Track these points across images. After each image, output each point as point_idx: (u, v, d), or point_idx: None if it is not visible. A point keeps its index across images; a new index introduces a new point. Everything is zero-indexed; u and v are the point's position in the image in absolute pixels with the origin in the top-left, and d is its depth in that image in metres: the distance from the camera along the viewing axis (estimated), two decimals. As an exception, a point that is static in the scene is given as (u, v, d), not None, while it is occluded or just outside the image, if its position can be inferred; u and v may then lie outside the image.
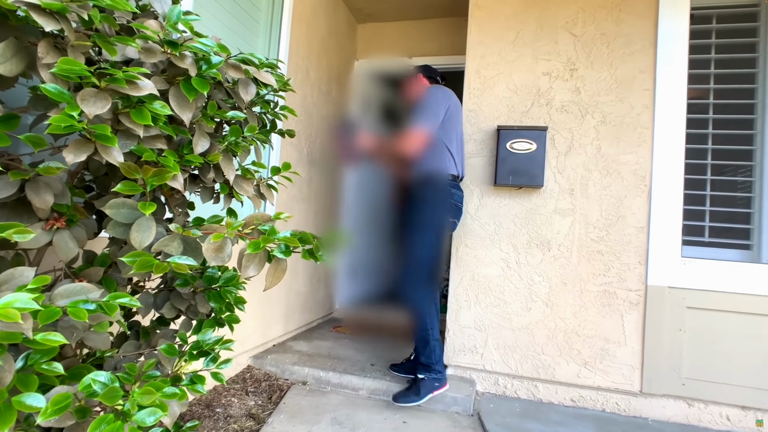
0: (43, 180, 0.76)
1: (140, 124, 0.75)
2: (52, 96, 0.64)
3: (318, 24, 3.00)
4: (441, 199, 2.09)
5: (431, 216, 2.09)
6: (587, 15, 2.32)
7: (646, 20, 2.23)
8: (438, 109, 2.09)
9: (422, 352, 2.07)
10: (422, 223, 2.09)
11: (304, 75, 2.83)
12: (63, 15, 0.65)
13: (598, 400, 2.21)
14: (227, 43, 1.06)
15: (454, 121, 2.16)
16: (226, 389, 2.07)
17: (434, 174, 2.11)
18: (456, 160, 2.16)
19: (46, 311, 0.60)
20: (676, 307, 2.13)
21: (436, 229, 2.10)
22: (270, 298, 2.55)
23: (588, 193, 2.27)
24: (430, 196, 2.10)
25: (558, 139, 2.33)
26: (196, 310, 1.03)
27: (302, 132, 2.82)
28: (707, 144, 2.20)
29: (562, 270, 2.29)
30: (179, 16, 0.84)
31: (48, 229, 0.79)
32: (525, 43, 2.40)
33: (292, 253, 0.81)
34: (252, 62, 0.97)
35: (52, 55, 0.66)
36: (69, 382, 0.70)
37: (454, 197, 2.13)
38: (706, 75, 2.24)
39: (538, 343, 2.29)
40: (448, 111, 2.12)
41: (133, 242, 0.76)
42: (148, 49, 0.79)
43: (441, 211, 2.10)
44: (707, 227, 2.19)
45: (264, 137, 1.11)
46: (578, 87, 2.31)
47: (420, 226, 2.09)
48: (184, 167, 0.91)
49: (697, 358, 2.11)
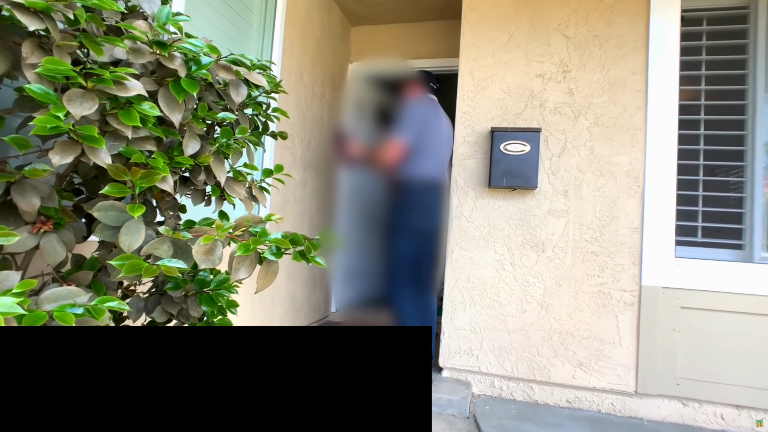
0: (29, 182, 0.74)
1: (128, 125, 0.74)
2: (37, 97, 0.63)
3: (312, 26, 3.00)
4: (410, 202, 2.29)
5: (399, 219, 2.30)
6: (579, 17, 2.33)
7: (637, 22, 2.25)
8: (410, 124, 2.28)
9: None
10: (393, 226, 2.32)
11: (298, 77, 2.82)
12: (48, 14, 0.64)
13: (593, 401, 2.21)
14: (219, 45, 1.05)
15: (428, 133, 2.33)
16: (219, 394, 2.05)
17: (405, 179, 2.32)
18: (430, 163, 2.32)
19: (31, 315, 0.58)
20: (670, 307, 2.13)
21: (407, 232, 2.27)
22: (264, 301, 2.53)
23: (582, 194, 2.28)
24: (399, 201, 2.33)
25: (551, 141, 2.33)
26: (187, 314, 1.02)
27: (296, 134, 2.81)
28: (699, 145, 2.22)
29: (556, 271, 2.29)
30: (168, 17, 0.83)
31: (35, 232, 0.78)
32: (518, 45, 2.41)
33: (283, 255, 0.80)
34: (243, 63, 0.97)
35: (36, 55, 0.65)
36: (55, 389, 0.69)
37: (423, 200, 2.30)
38: (698, 76, 2.26)
39: (534, 344, 2.29)
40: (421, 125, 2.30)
41: (122, 245, 0.75)
42: (136, 49, 0.78)
43: (410, 213, 2.28)
44: (700, 227, 2.20)
45: (256, 139, 1.10)
46: (571, 89, 2.32)
47: (391, 229, 2.32)
48: (174, 169, 0.90)
49: (691, 358, 2.11)
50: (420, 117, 2.32)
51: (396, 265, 2.26)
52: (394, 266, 2.27)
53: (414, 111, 2.32)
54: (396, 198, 2.36)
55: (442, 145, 2.41)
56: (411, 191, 2.30)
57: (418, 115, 2.32)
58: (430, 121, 2.34)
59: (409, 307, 2.21)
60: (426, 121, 2.34)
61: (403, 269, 2.25)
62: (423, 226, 2.31)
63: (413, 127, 2.28)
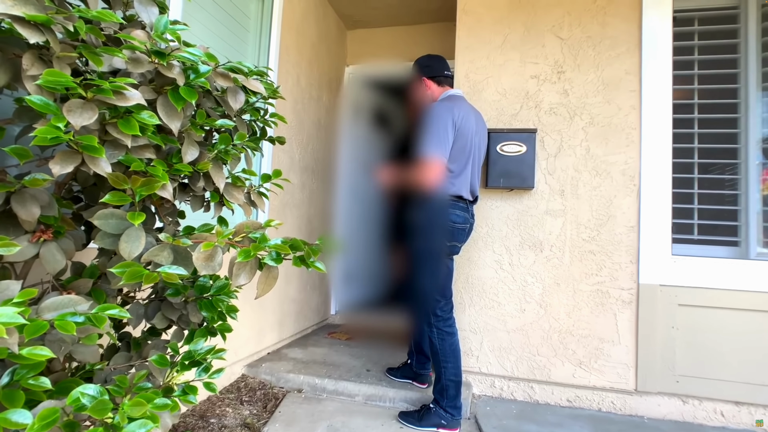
0: (29, 192, 0.75)
1: (128, 134, 0.74)
2: (37, 107, 0.64)
3: (308, 30, 3.01)
4: (434, 222, 1.91)
5: (423, 243, 1.93)
6: (573, 18, 2.35)
7: (630, 23, 2.27)
8: (443, 131, 1.86)
9: (436, 383, 1.95)
10: (416, 252, 1.96)
11: (295, 81, 2.83)
12: (48, 27, 0.65)
13: (594, 399, 2.22)
14: (216, 51, 1.06)
15: (461, 138, 1.92)
16: (220, 399, 2.05)
17: (428, 196, 1.91)
18: (459, 179, 1.92)
19: (33, 325, 0.59)
20: (668, 304, 2.15)
21: (431, 258, 1.93)
22: (264, 305, 2.54)
23: (578, 194, 2.29)
24: (421, 221, 1.93)
25: (547, 141, 2.35)
26: (187, 320, 1.02)
27: (293, 138, 2.82)
28: (694, 143, 2.24)
29: (555, 270, 2.30)
30: (166, 26, 0.84)
31: (35, 241, 0.78)
32: (513, 46, 2.42)
33: (283, 261, 0.81)
34: (241, 70, 0.97)
35: (37, 66, 0.66)
36: (57, 397, 0.70)
37: (451, 219, 1.91)
38: (691, 76, 2.28)
39: (533, 344, 2.30)
40: (455, 129, 1.89)
41: (122, 252, 0.75)
42: (135, 59, 0.78)
43: (434, 236, 1.92)
44: (696, 225, 2.22)
45: (254, 145, 1.11)
46: (566, 89, 2.34)
47: (415, 256, 1.96)
48: (173, 176, 0.90)
49: (690, 355, 2.12)
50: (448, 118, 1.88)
51: (421, 298, 1.95)
52: (418, 299, 1.97)
53: (440, 114, 1.88)
54: (413, 218, 1.96)
55: (472, 150, 1.98)
56: (431, 209, 1.92)
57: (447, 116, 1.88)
58: (463, 121, 1.92)
59: (441, 342, 1.92)
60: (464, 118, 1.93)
61: (427, 300, 1.94)
62: (450, 249, 1.98)
63: (445, 137, 1.86)
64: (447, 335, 1.94)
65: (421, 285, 1.95)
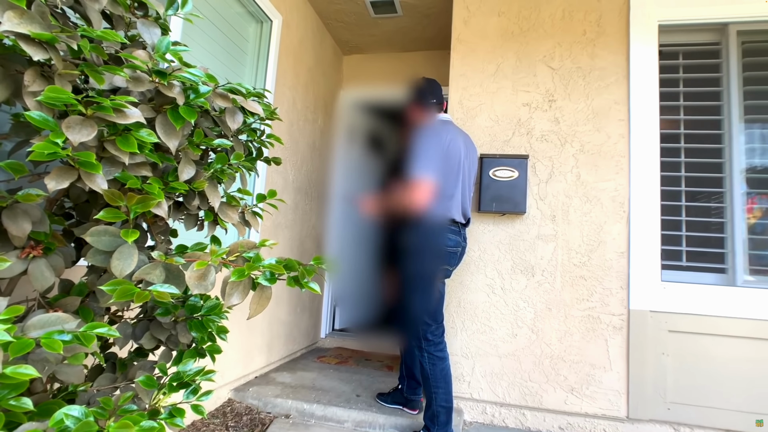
0: (20, 207, 0.74)
1: (126, 151, 0.74)
2: (36, 123, 0.64)
3: (305, 55, 3.08)
4: (426, 245, 1.90)
5: (415, 266, 1.92)
6: (564, 49, 2.43)
7: (618, 55, 2.36)
8: (432, 152, 1.88)
9: (427, 409, 1.92)
10: (408, 275, 1.94)
11: (291, 104, 2.87)
12: (52, 45, 0.66)
13: (585, 427, 2.18)
14: (215, 73, 1.08)
15: (450, 160, 1.93)
16: (205, 424, 1.99)
17: (420, 219, 1.90)
18: (451, 201, 1.93)
19: (18, 343, 0.57)
20: (658, 330, 2.15)
21: (423, 281, 1.92)
22: (252, 327, 2.49)
23: (569, 219, 2.32)
24: (413, 244, 1.92)
25: (539, 167, 2.39)
26: (176, 341, 1.00)
27: (288, 159, 2.83)
28: (681, 171, 2.29)
29: (546, 295, 2.30)
30: (168, 47, 0.86)
31: (24, 257, 0.77)
32: (505, 75, 2.50)
33: (277, 281, 0.80)
34: (239, 92, 0.99)
35: (38, 83, 0.67)
36: (38, 419, 0.67)
37: (443, 242, 1.91)
38: (677, 107, 2.35)
39: (525, 369, 2.28)
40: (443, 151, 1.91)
41: (113, 270, 0.74)
42: (136, 78, 0.79)
43: (426, 259, 1.91)
44: (684, 252, 2.25)
45: (250, 165, 1.12)
46: (557, 117, 2.40)
47: (406, 279, 1.95)
48: (168, 194, 0.90)
49: (681, 381, 2.12)
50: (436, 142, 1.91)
51: (412, 323, 1.93)
52: (410, 323, 1.94)
53: (428, 137, 1.91)
54: (406, 241, 1.95)
55: (462, 172, 1.99)
56: (425, 232, 1.91)
57: (435, 140, 1.91)
58: (451, 143, 1.93)
59: (432, 367, 1.89)
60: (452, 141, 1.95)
61: (423, 325, 1.92)
62: (444, 272, 1.97)
63: (432, 157, 1.87)
64: (438, 360, 1.91)
65: (412, 308, 1.93)
